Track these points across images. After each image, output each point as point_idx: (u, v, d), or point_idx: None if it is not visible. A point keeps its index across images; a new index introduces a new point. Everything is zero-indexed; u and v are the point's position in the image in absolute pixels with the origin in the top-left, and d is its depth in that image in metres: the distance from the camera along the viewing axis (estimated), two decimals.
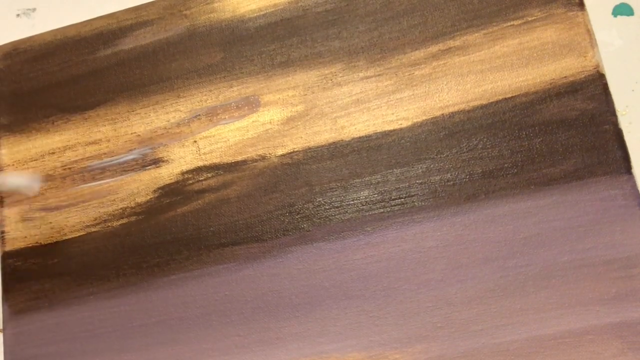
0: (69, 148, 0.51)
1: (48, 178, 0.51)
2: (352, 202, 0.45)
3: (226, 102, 0.49)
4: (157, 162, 0.49)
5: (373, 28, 0.48)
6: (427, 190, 0.44)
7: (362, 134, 0.46)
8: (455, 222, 0.43)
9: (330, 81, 0.48)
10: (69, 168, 0.51)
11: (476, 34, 0.46)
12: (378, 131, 0.46)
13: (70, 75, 0.52)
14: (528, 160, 0.43)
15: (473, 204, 0.43)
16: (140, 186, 0.49)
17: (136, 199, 0.49)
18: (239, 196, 0.47)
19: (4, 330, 0.48)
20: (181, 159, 0.49)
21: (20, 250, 0.50)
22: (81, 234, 0.49)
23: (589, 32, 0.45)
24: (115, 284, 0.47)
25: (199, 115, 0.49)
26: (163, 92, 0.50)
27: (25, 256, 0.50)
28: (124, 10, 0.52)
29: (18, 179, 0.43)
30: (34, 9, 0.54)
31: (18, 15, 0.53)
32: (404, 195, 0.45)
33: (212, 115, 0.49)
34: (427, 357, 0.42)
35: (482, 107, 0.45)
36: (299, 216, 0.46)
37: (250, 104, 0.49)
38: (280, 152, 0.47)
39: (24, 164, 0.51)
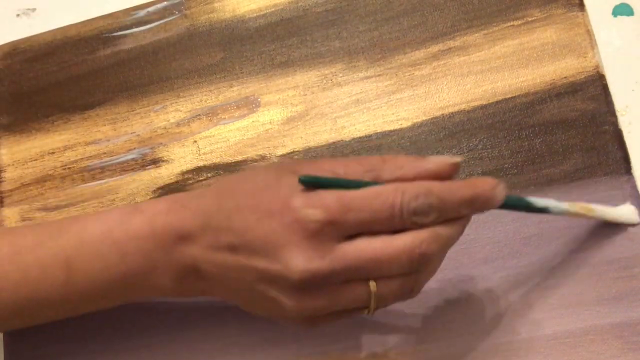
0: (69, 148, 0.51)
1: (48, 178, 0.51)
2: None
3: (226, 102, 0.49)
4: (157, 162, 0.49)
5: (373, 28, 0.48)
6: None
7: (362, 134, 0.46)
8: None
9: (330, 81, 0.48)
10: (69, 168, 0.50)
11: (476, 35, 0.46)
12: (378, 131, 0.46)
13: (70, 75, 0.52)
14: (528, 161, 0.43)
15: None
16: (140, 186, 0.49)
17: (136, 198, 0.49)
18: None
19: None
20: (181, 159, 0.49)
21: None
22: None
23: (589, 33, 0.45)
24: None
25: (199, 115, 0.49)
26: (163, 92, 0.50)
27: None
28: (123, 10, 0.52)
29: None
30: (34, 9, 0.54)
31: (18, 15, 0.53)
32: None
33: (212, 115, 0.49)
34: (427, 357, 0.42)
35: (482, 107, 0.45)
36: None
37: (250, 104, 0.49)
38: (280, 152, 0.47)
39: (24, 164, 0.51)
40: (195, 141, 0.49)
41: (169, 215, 0.36)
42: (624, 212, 0.41)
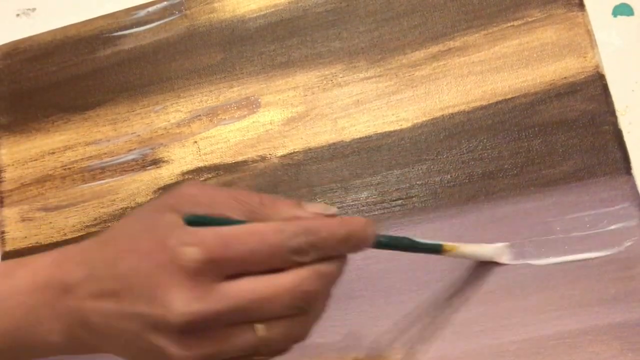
0: (69, 148, 0.51)
1: (48, 178, 0.51)
2: (352, 203, 0.45)
3: (226, 103, 0.49)
4: (157, 162, 0.49)
5: (373, 29, 0.48)
6: (427, 191, 0.44)
7: (362, 134, 0.46)
8: (455, 223, 0.43)
9: (330, 82, 0.48)
10: (69, 168, 0.51)
11: (476, 35, 0.46)
12: (378, 132, 0.46)
13: (70, 75, 0.52)
14: (528, 162, 0.43)
15: (473, 205, 0.43)
16: (140, 186, 0.49)
17: (136, 199, 0.49)
18: None
19: None
20: (181, 159, 0.49)
21: (20, 250, 0.50)
22: (81, 234, 0.49)
23: (589, 33, 0.45)
24: None
25: (200, 115, 0.49)
26: (163, 92, 0.50)
27: (25, 256, 0.50)
28: (123, 10, 0.52)
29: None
30: (34, 9, 0.54)
31: (18, 15, 0.53)
32: (404, 196, 0.45)
33: (212, 115, 0.49)
34: (427, 357, 0.42)
35: (482, 108, 0.45)
36: None
37: (251, 105, 0.49)
38: (280, 152, 0.47)
39: (24, 164, 0.51)
40: (195, 142, 0.49)
41: (52, 268, 0.35)
42: (494, 250, 0.42)
